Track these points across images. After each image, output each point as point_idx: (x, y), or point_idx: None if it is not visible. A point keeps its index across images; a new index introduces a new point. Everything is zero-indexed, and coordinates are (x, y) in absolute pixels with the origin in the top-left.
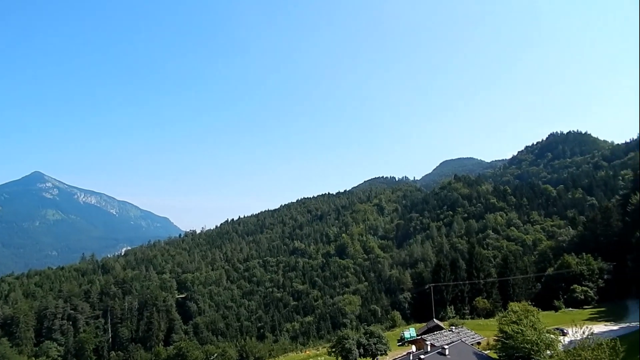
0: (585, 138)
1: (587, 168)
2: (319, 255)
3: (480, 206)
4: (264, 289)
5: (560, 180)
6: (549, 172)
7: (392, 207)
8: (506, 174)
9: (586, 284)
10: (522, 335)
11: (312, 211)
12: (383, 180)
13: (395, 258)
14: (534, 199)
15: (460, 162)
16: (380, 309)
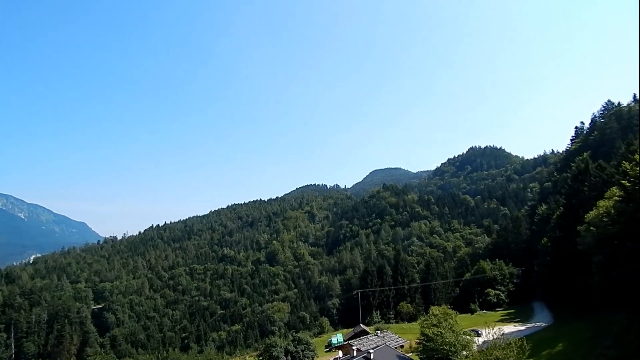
0: (500, 153)
1: (501, 180)
2: (248, 263)
3: (406, 214)
4: (189, 298)
5: (478, 191)
6: (468, 183)
7: (323, 214)
8: (430, 184)
9: (499, 288)
10: (442, 338)
11: (243, 217)
12: (315, 187)
13: (325, 265)
14: (455, 208)
15: (388, 171)
16: (309, 316)
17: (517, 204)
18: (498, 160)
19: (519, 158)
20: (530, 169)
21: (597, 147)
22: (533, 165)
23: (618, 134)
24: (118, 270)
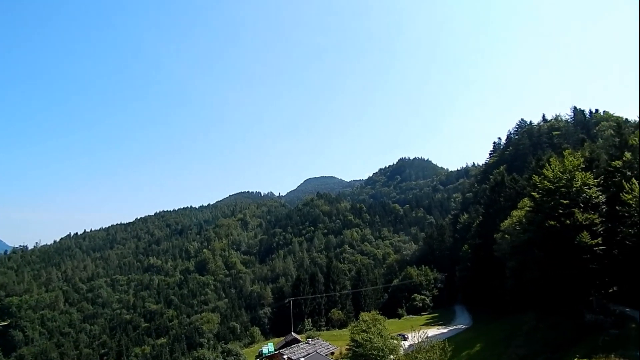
0: (427, 164)
1: (427, 190)
2: (176, 272)
3: (339, 222)
4: (110, 311)
5: (407, 200)
6: (398, 192)
7: (257, 222)
8: (362, 193)
9: (424, 293)
10: (370, 343)
11: (172, 225)
12: (249, 195)
13: (257, 273)
14: (385, 216)
15: (323, 180)
16: (239, 326)
17: (442, 212)
18: (425, 171)
19: (444, 169)
20: (454, 180)
21: (512, 161)
22: (456, 177)
23: (529, 150)
24: (28, 283)
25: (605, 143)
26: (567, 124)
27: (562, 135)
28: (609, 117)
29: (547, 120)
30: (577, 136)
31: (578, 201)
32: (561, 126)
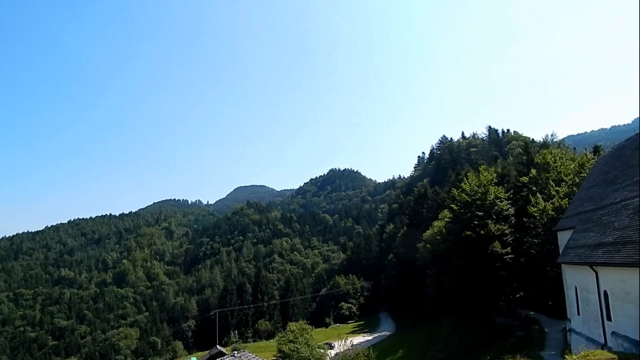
0: (356, 176)
1: (356, 201)
2: (91, 285)
3: (268, 232)
4: (12, 329)
5: (336, 211)
6: (328, 202)
7: (183, 231)
8: (293, 203)
9: (351, 301)
10: (298, 353)
11: (88, 234)
12: (175, 202)
13: (181, 284)
14: (315, 226)
15: (253, 189)
16: (161, 340)
17: (370, 223)
18: (355, 182)
19: (372, 181)
20: (382, 191)
21: (434, 175)
22: (384, 188)
23: (450, 164)
24: None
25: (514, 160)
26: (483, 141)
27: (478, 152)
28: (518, 137)
29: (465, 138)
30: (492, 153)
31: (491, 213)
32: (478, 143)
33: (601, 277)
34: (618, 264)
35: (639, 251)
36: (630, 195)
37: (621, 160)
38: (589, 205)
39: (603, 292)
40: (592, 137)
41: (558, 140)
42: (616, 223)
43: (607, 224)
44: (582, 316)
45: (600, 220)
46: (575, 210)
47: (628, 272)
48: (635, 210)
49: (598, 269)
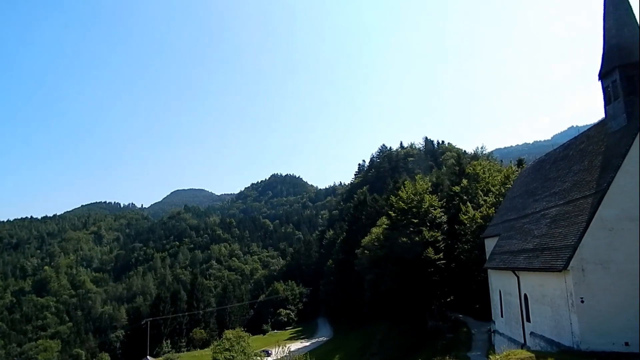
0: (298, 181)
1: (297, 207)
2: (7, 294)
3: (206, 237)
4: None
5: (277, 216)
6: (268, 208)
7: (114, 235)
8: (233, 208)
9: (289, 307)
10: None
11: (5, 238)
12: (105, 205)
13: (110, 293)
14: (255, 231)
15: (192, 192)
16: (85, 352)
17: (310, 228)
18: (296, 188)
19: (313, 187)
20: (323, 197)
21: (373, 182)
22: (325, 195)
23: (389, 173)
24: None
25: (448, 170)
26: (419, 151)
27: (415, 161)
28: (452, 148)
29: (404, 147)
30: (427, 163)
31: (426, 220)
32: (415, 153)
33: (522, 281)
34: (537, 268)
35: (555, 257)
36: (548, 206)
37: (541, 173)
38: (512, 214)
39: (523, 295)
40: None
41: (487, 152)
42: (536, 231)
43: (528, 231)
44: (505, 318)
45: (522, 228)
46: (501, 218)
47: (545, 276)
48: (552, 219)
49: (520, 273)
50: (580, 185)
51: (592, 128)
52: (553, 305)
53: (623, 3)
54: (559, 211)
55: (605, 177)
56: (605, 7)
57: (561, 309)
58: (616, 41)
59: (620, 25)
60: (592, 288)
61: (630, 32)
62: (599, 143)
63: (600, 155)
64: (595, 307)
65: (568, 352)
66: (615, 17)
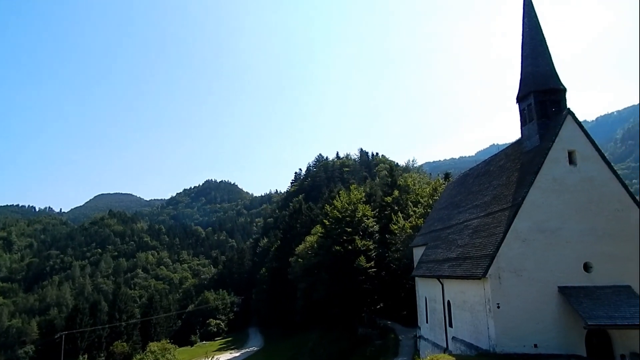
0: (233, 188)
1: (232, 214)
2: None
3: (133, 244)
4: None
5: (210, 223)
6: (201, 215)
7: (26, 242)
8: (163, 214)
9: (220, 317)
10: None
11: None
12: (17, 209)
13: (20, 304)
14: (186, 239)
15: (117, 197)
16: None
17: (244, 236)
18: (231, 195)
19: (249, 194)
20: (258, 205)
21: (309, 191)
22: (260, 202)
23: (324, 182)
24: None
25: (381, 182)
26: (355, 162)
27: (350, 171)
28: (385, 160)
29: (340, 158)
30: (362, 174)
31: (358, 229)
32: (350, 164)
33: (446, 289)
34: (459, 276)
35: (475, 265)
36: (470, 217)
37: (465, 187)
38: (438, 225)
39: (447, 301)
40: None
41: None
42: (459, 241)
43: (452, 241)
44: (430, 324)
45: (447, 238)
46: (428, 228)
47: (466, 283)
48: (474, 229)
49: (444, 281)
50: (498, 199)
51: (510, 147)
52: (473, 311)
53: (538, 35)
54: (480, 222)
55: (520, 192)
56: (523, 37)
57: (480, 315)
58: (532, 69)
59: (535, 55)
60: (507, 294)
61: (544, 62)
62: (515, 160)
63: (516, 172)
64: (510, 312)
65: (485, 355)
66: (531, 47)
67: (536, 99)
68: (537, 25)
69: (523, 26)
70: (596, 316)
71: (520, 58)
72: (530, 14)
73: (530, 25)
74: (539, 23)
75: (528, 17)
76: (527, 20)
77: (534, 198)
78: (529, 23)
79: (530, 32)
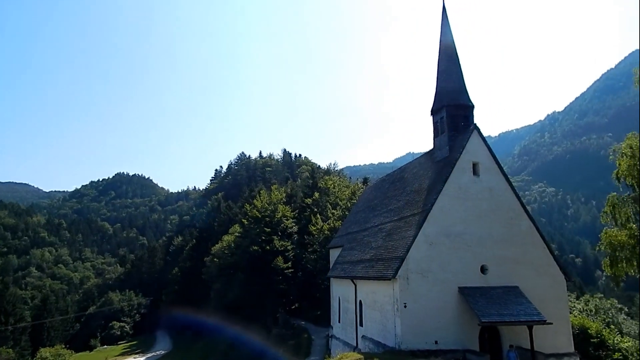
0: (147, 183)
1: (144, 210)
2: None
3: (27, 240)
4: None
5: (119, 219)
6: (109, 209)
7: None
8: (65, 207)
9: (124, 320)
10: None
11: None
12: None
13: None
14: (90, 235)
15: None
16: None
17: (157, 234)
18: (144, 190)
19: (164, 190)
20: (174, 201)
21: (229, 189)
22: (176, 199)
23: (246, 181)
24: None
25: (302, 183)
26: (277, 162)
27: (273, 171)
28: (308, 162)
29: (262, 157)
30: (284, 174)
31: (277, 230)
32: (273, 164)
33: (359, 289)
34: (371, 277)
35: (386, 267)
36: (385, 221)
37: (381, 191)
38: (355, 227)
39: (359, 301)
40: (364, 170)
41: (339, 169)
42: (373, 243)
43: (367, 243)
44: (342, 323)
45: (362, 240)
46: (345, 231)
47: (378, 284)
48: (387, 232)
49: (357, 282)
50: (411, 205)
51: (423, 155)
52: (382, 311)
53: (453, 54)
54: (393, 226)
55: (429, 199)
56: (439, 55)
57: (388, 314)
58: (445, 85)
59: (449, 72)
60: (413, 294)
61: (457, 79)
62: (427, 169)
63: (428, 180)
64: (415, 311)
65: (390, 352)
66: (446, 64)
67: (448, 113)
68: (452, 44)
69: (440, 44)
70: (489, 314)
71: (436, 73)
72: (447, 34)
73: (446, 44)
74: (454, 43)
75: (444, 36)
76: (444, 39)
77: (442, 204)
78: (445, 42)
79: (446, 51)
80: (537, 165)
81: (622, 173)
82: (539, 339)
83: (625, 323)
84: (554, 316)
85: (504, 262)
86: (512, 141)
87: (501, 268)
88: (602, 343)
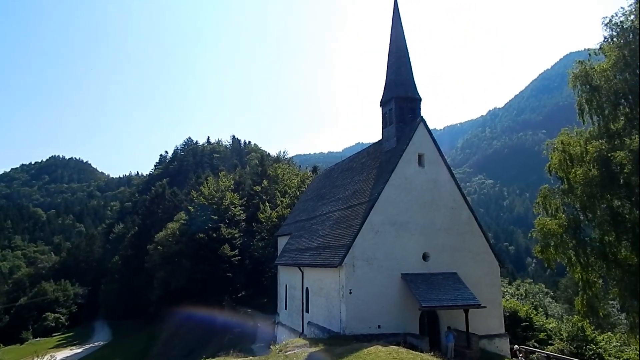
0: (85, 167)
1: (82, 196)
2: None
3: None
4: None
5: (54, 205)
6: (43, 195)
7: None
8: None
9: (60, 310)
10: None
11: None
12: None
13: None
14: (21, 222)
15: None
16: None
17: (96, 221)
18: (82, 175)
19: (104, 175)
20: (115, 187)
21: (175, 175)
22: (118, 184)
23: (192, 167)
24: None
25: (251, 170)
26: (226, 149)
27: (221, 158)
28: (257, 149)
29: (211, 143)
30: (233, 161)
31: (225, 217)
32: (221, 150)
33: (306, 276)
34: (318, 265)
35: (333, 254)
36: (332, 209)
37: (330, 180)
38: (304, 215)
39: (305, 288)
40: (314, 158)
41: (288, 157)
42: (321, 231)
43: (315, 231)
44: (288, 310)
45: (310, 229)
46: (294, 219)
47: (324, 271)
48: (335, 221)
49: (304, 269)
50: (358, 194)
51: (372, 146)
52: (328, 297)
53: (402, 48)
54: (341, 215)
55: (376, 189)
56: (390, 48)
57: (334, 300)
58: (394, 77)
59: (399, 64)
60: (358, 281)
61: (406, 72)
62: (375, 159)
63: (375, 170)
64: (359, 297)
65: (335, 337)
66: (396, 57)
67: (397, 105)
68: (402, 39)
69: (391, 37)
70: (429, 299)
71: (386, 66)
72: (397, 28)
73: (397, 38)
74: (404, 37)
75: (395, 30)
76: (394, 33)
77: (388, 194)
78: (396, 36)
79: (397, 44)
80: (477, 158)
81: (554, 166)
82: (474, 322)
83: (551, 306)
84: (488, 300)
85: (445, 249)
86: (456, 134)
87: (442, 255)
88: (531, 325)
